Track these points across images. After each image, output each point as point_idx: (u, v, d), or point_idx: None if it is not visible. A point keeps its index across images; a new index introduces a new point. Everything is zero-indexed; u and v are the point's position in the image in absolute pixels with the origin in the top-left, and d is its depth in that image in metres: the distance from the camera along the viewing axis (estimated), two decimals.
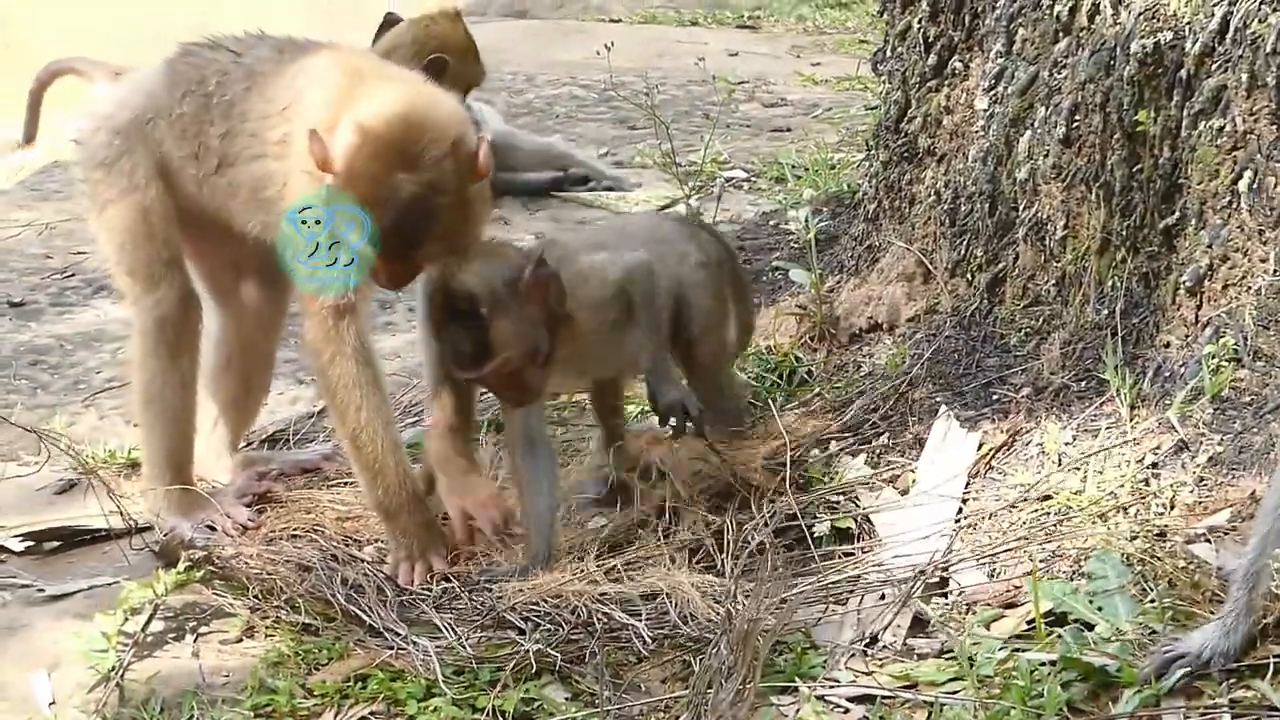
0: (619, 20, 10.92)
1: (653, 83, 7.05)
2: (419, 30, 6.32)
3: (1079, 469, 3.97)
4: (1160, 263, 4.16)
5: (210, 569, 4.04)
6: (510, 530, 4.10)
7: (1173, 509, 3.77)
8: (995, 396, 4.36)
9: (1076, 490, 3.92)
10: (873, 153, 5.25)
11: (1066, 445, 4.07)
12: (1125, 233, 4.22)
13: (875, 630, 3.67)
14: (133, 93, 4.29)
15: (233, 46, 4.22)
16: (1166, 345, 4.08)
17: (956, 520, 4.01)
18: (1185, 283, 4.04)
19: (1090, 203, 4.30)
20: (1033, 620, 3.50)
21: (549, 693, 3.59)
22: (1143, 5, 4.15)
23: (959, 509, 4.05)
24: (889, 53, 5.15)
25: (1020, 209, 4.51)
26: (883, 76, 5.22)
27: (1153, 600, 3.49)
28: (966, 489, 4.10)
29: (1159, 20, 4.10)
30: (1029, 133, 4.48)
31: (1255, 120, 3.91)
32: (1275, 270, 3.87)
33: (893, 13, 5.11)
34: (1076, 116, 4.32)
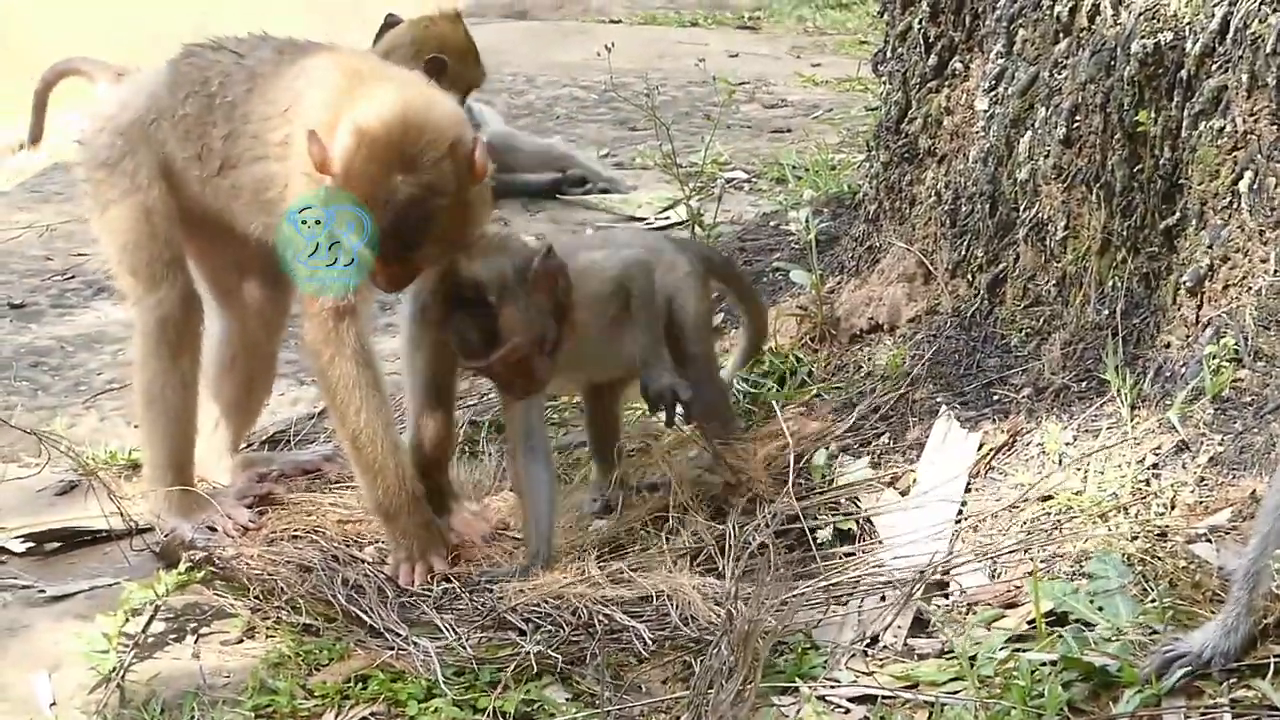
0: (619, 21, 10.90)
1: (653, 84, 7.02)
2: (418, 31, 6.31)
3: (1080, 469, 3.97)
4: (1161, 263, 4.16)
5: (211, 570, 4.04)
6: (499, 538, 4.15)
7: (1173, 509, 3.77)
8: (996, 397, 4.36)
9: (1077, 490, 3.92)
10: (873, 153, 5.24)
11: (1067, 445, 4.07)
12: (1126, 233, 4.22)
13: (876, 631, 3.67)
14: (136, 94, 4.30)
15: (235, 48, 4.22)
16: (1167, 345, 4.08)
17: (957, 521, 4.01)
18: (1186, 283, 4.04)
19: (1091, 203, 4.29)
20: (1033, 620, 3.50)
21: (550, 694, 3.59)
22: (1143, 6, 4.15)
23: (960, 509, 4.05)
24: (889, 53, 5.14)
25: (1021, 209, 4.50)
26: (883, 77, 5.22)
27: (1153, 600, 3.49)
28: (967, 489, 4.10)
29: (1159, 21, 4.11)
30: (1029, 133, 4.48)
31: (1256, 120, 3.91)
32: (1276, 270, 3.87)
33: (893, 13, 5.11)
34: (1077, 117, 4.32)
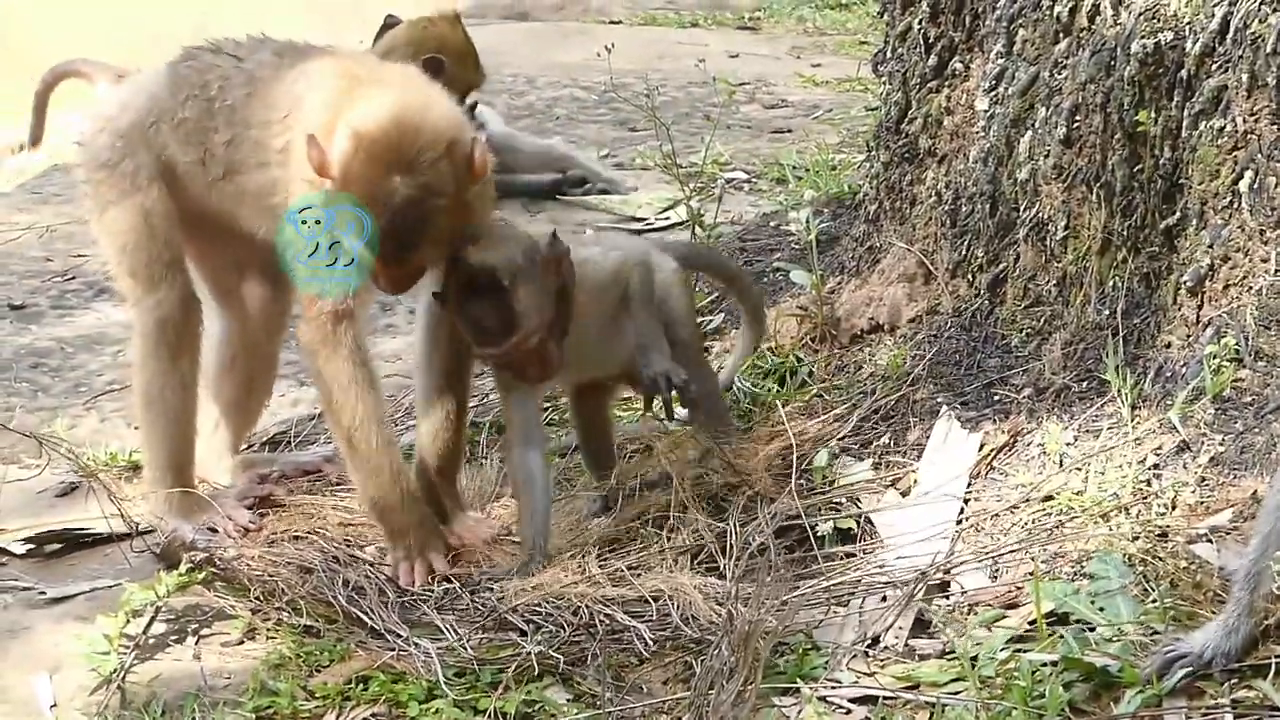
0: (619, 22, 10.89)
1: (653, 84, 7.01)
2: (417, 32, 6.29)
3: (1080, 469, 3.97)
4: (1161, 263, 4.16)
5: (212, 571, 4.04)
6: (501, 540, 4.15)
7: (1174, 509, 3.77)
8: (996, 397, 4.36)
9: (1078, 491, 3.92)
10: (873, 154, 5.24)
11: (1068, 446, 4.06)
12: (1126, 233, 4.22)
13: (877, 631, 3.67)
14: (135, 95, 4.30)
15: (234, 51, 4.21)
16: (1168, 345, 4.08)
17: (958, 521, 4.01)
18: (1186, 283, 4.04)
19: (1091, 203, 4.29)
20: (1034, 621, 3.49)
21: (550, 694, 3.59)
22: (1143, 6, 4.15)
23: (960, 510, 4.05)
24: (889, 54, 5.14)
25: (1021, 209, 4.50)
26: (883, 77, 5.22)
27: (1154, 600, 3.49)
28: (968, 490, 4.10)
29: (1159, 20, 4.10)
30: (1029, 133, 4.48)
31: (1256, 120, 3.90)
32: (1276, 270, 3.86)
33: (893, 14, 5.11)
34: (1077, 117, 4.32)
